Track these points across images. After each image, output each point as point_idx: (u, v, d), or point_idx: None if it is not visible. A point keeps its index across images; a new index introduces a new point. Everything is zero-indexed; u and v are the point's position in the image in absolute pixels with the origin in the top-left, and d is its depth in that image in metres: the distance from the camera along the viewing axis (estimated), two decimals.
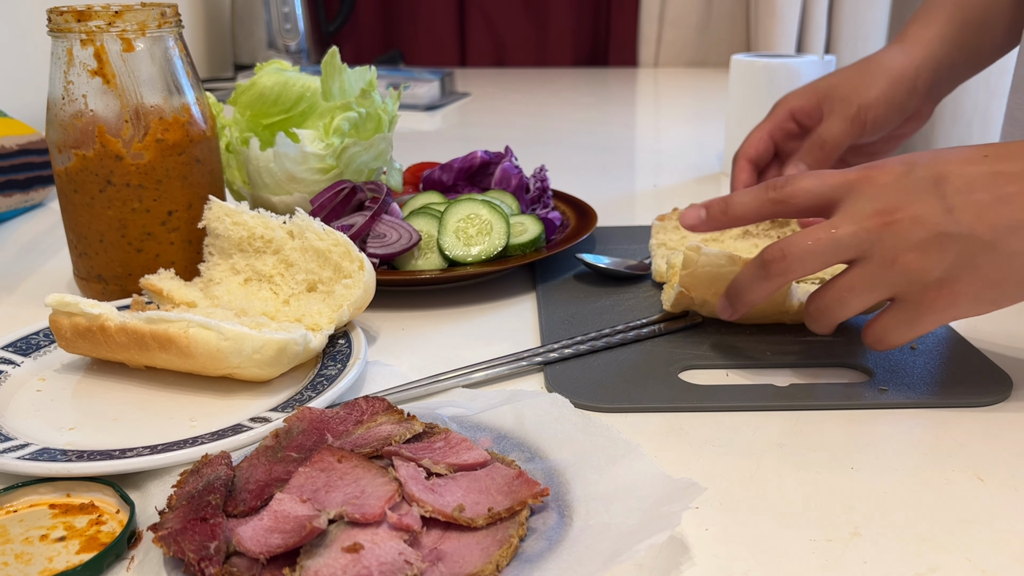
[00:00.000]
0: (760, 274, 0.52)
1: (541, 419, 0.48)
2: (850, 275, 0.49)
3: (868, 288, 0.48)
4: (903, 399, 0.53)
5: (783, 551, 0.40)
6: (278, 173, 0.78)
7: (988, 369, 0.56)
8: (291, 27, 1.99)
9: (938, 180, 0.47)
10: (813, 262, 0.49)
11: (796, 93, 0.80)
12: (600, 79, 2.08)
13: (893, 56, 0.78)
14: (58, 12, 0.63)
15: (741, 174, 0.79)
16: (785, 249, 0.50)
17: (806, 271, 0.50)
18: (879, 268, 0.47)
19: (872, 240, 0.47)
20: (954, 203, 0.46)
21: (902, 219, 0.46)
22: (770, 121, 0.80)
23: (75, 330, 0.55)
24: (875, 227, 0.47)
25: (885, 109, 0.76)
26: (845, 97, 0.76)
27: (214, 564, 0.36)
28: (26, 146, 0.96)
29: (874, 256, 0.47)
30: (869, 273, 0.48)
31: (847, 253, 0.48)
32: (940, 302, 0.47)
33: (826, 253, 0.49)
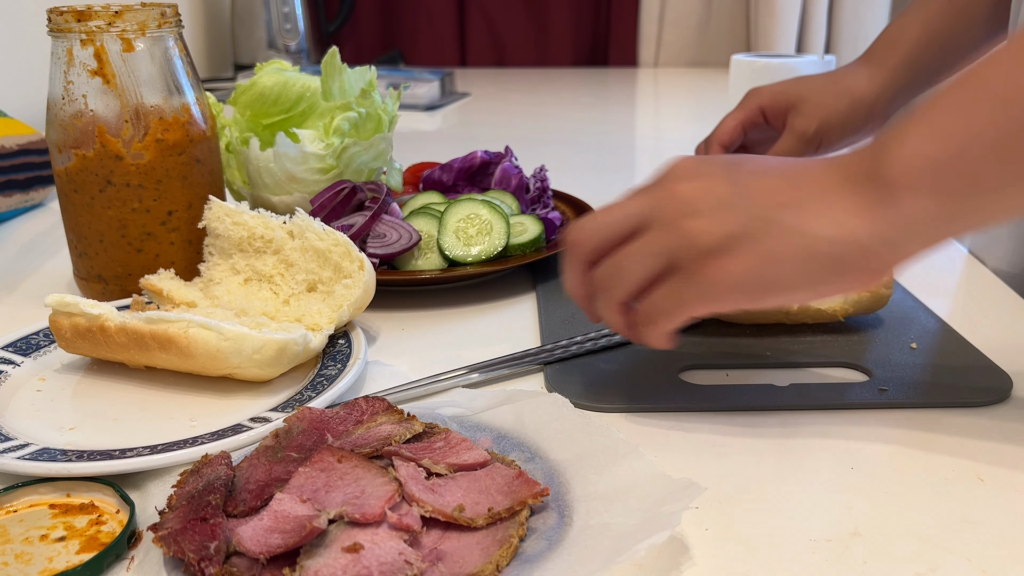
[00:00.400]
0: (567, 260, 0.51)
1: (541, 419, 0.48)
2: (631, 242, 0.48)
3: (646, 253, 0.47)
4: (903, 399, 0.53)
5: (783, 551, 0.40)
6: (278, 173, 0.78)
7: (988, 369, 0.56)
8: (291, 27, 1.99)
9: (734, 164, 0.47)
10: (602, 232, 0.48)
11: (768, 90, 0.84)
12: (600, 79, 2.08)
13: (858, 78, 0.81)
14: (58, 12, 0.63)
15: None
16: (579, 227, 0.50)
17: (601, 246, 0.49)
18: (658, 232, 0.46)
19: (658, 208, 0.47)
20: (745, 181, 0.46)
21: (689, 189, 0.46)
22: (742, 111, 0.84)
23: (75, 330, 0.55)
24: (662, 197, 0.47)
25: (840, 131, 0.81)
26: (809, 113, 0.80)
27: (214, 564, 0.36)
28: (26, 146, 0.96)
29: (655, 222, 0.47)
30: (649, 238, 0.47)
31: (633, 220, 0.48)
32: (715, 273, 0.45)
33: (614, 223, 0.48)
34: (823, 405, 0.53)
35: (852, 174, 0.44)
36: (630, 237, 0.48)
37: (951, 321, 0.65)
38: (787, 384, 0.55)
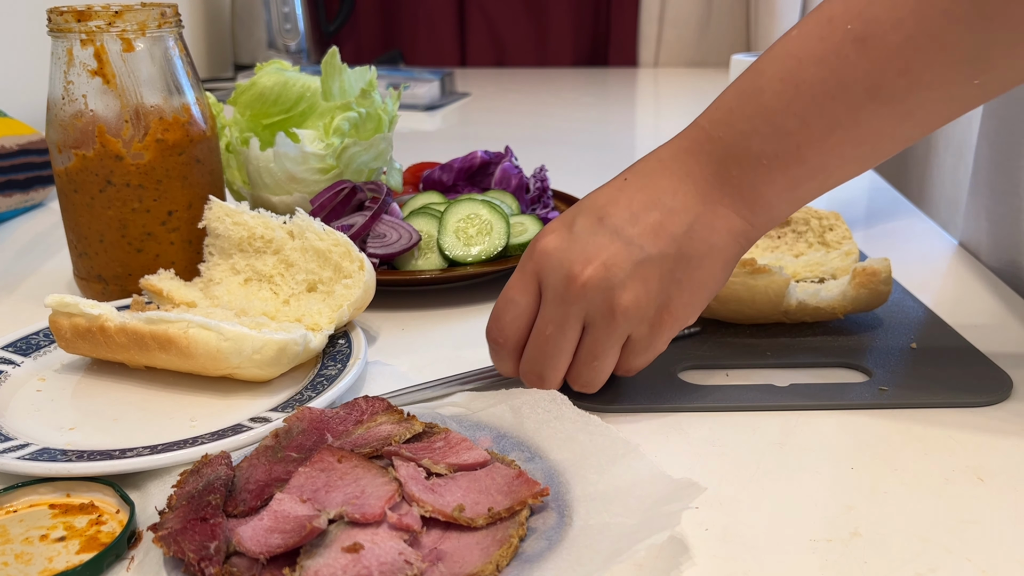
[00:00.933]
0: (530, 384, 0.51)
1: (540, 418, 0.48)
2: (586, 343, 0.49)
3: (608, 345, 0.48)
4: (903, 399, 0.53)
5: (783, 551, 0.40)
6: (278, 173, 0.78)
7: (988, 369, 0.56)
8: (291, 27, 1.99)
9: (601, 220, 0.48)
10: (558, 358, 0.49)
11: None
12: (600, 79, 2.08)
13: None
14: (58, 12, 0.63)
15: None
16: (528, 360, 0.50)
17: (560, 368, 0.50)
18: (605, 325, 0.47)
19: (584, 305, 0.47)
20: (630, 234, 0.47)
21: (595, 271, 0.47)
22: None
23: (75, 330, 0.55)
24: (577, 292, 0.47)
25: None
26: None
27: (214, 564, 0.36)
28: (26, 146, 0.96)
29: (595, 317, 0.47)
30: (601, 334, 0.48)
31: (575, 329, 0.48)
32: (668, 323, 0.49)
33: (560, 341, 0.48)
34: (823, 405, 0.53)
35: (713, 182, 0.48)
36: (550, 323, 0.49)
37: (949, 319, 0.65)
38: (787, 384, 0.55)
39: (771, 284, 0.60)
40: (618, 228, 0.47)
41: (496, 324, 0.51)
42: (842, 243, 0.72)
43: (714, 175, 0.48)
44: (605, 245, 0.47)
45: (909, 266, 0.78)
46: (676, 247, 0.47)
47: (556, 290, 0.48)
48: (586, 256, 0.47)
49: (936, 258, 0.82)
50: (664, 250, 0.47)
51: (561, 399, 0.49)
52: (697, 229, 0.47)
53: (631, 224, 0.47)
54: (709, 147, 0.48)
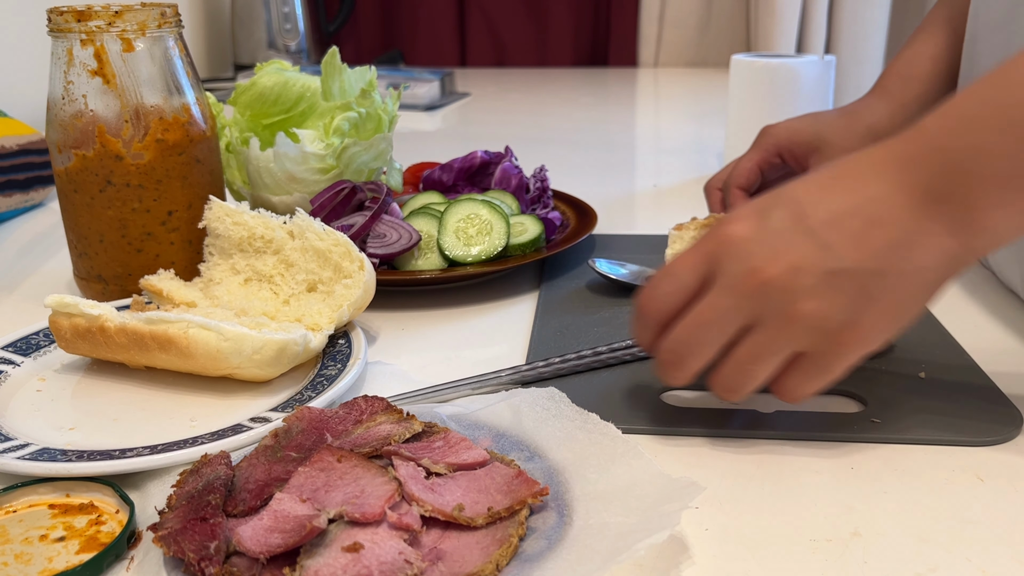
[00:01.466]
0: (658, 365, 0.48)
1: (539, 416, 0.48)
2: (747, 344, 0.45)
3: (772, 352, 0.44)
4: (893, 434, 0.49)
5: (783, 551, 0.40)
6: (278, 173, 0.78)
7: (998, 405, 0.52)
8: (291, 27, 1.99)
9: (799, 218, 0.44)
10: (706, 347, 0.45)
11: (785, 130, 0.83)
12: (600, 79, 2.08)
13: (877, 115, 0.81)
14: (58, 12, 0.63)
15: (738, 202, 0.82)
16: (674, 339, 0.46)
17: (703, 357, 0.46)
18: (776, 330, 0.44)
19: (758, 304, 0.44)
20: (828, 239, 0.43)
21: (782, 271, 0.43)
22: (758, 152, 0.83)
23: (75, 331, 0.55)
24: (755, 288, 0.43)
25: None
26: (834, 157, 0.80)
27: (214, 564, 0.36)
28: (26, 146, 0.96)
29: (766, 319, 0.44)
30: (768, 338, 0.44)
31: (735, 324, 0.45)
32: (850, 344, 0.44)
33: (714, 330, 0.45)
34: (804, 436, 0.50)
35: (930, 196, 0.43)
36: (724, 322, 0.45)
37: (967, 342, 0.61)
38: (772, 411, 0.52)
39: None
40: (815, 229, 0.43)
41: (651, 292, 0.47)
42: None
43: (934, 188, 0.43)
44: (798, 245, 0.43)
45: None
46: (876, 261, 0.43)
47: (733, 279, 0.44)
48: (775, 252, 0.43)
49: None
50: (862, 262, 0.43)
51: (560, 397, 0.49)
52: (904, 245, 0.43)
53: (830, 228, 0.43)
54: (933, 157, 0.43)
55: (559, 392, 0.50)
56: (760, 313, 0.44)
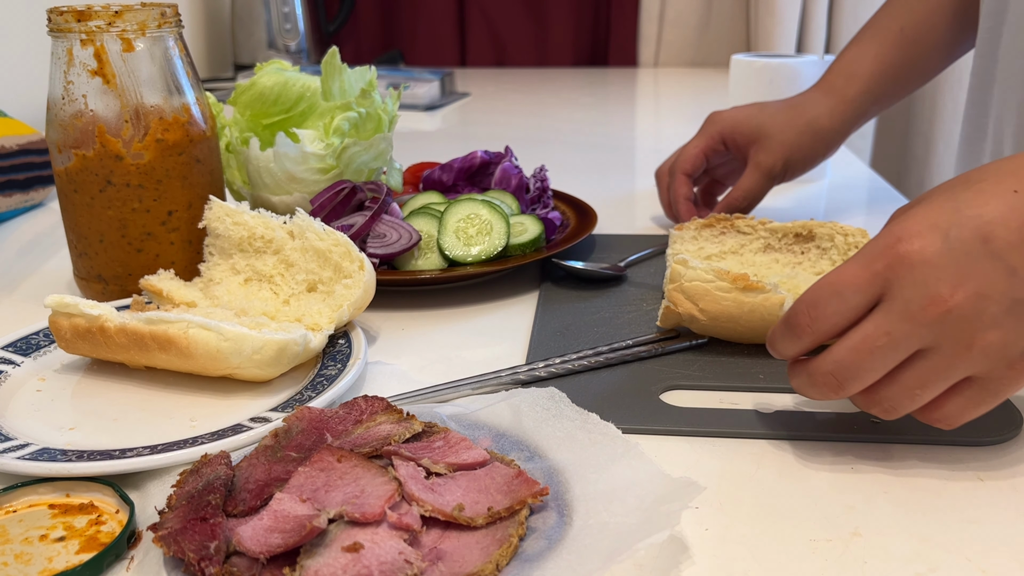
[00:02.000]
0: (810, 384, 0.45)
1: (539, 416, 0.48)
2: (919, 369, 0.42)
3: (943, 379, 0.42)
4: (894, 434, 0.49)
5: (783, 551, 0.40)
6: (278, 173, 0.78)
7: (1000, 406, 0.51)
8: (291, 27, 1.99)
9: (984, 240, 0.41)
10: (872, 372, 0.43)
11: (730, 119, 0.86)
12: (600, 79, 2.08)
13: (819, 110, 0.84)
14: (58, 12, 0.63)
15: (682, 187, 0.86)
16: (838, 362, 0.43)
17: (866, 382, 0.44)
18: (953, 357, 0.42)
19: (937, 331, 0.41)
20: (1014, 263, 0.40)
21: (966, 299, 0.40)
22: (703, 139, 0.86)
23: (75, 331, 0.55)
24: (936, 317, 0.41)
25: (803, 165, 0.84)
26: (773, 150, 0.82)
27: (214, 564, 0.36)
28: (26, 146, 0.96)
29: (944, 346, 0.41)
30: (942, 364, 0.42)
31: (908, 351, 0.42)
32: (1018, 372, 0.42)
33: (885, 358, 0.42)
34: (805, 436, 0.50)
35: None
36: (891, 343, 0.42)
37: None
38: (772, 411, 0.52)
39: (764, 302, 0.57)
40: (1002, 253, 0.40)
41: (811, 310, 0.44)
42: None
43: None
44: (984, 270, 0.41)
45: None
46: None
47: (910, 306, 0.41)
48: (959, 277, 0.41)
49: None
50: None
51: (560, 397, 0.49)
52: None
53: (1020, 251, 0.40)
54: None
55: (559, 392, 0.50)
56: (937, 341, 0.41)
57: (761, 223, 0.73)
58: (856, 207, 1.00)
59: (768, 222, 0.73)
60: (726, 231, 0.74)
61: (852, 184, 1.09)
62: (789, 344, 0.46)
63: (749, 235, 0.73)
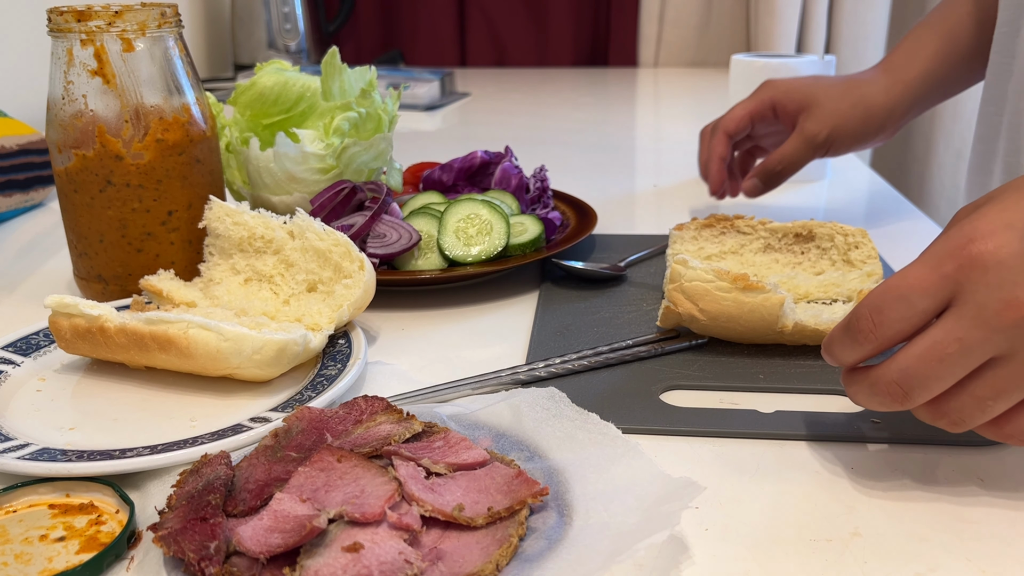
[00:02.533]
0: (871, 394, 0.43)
1: (539, 416, 0.48)
2: (992, 378, 0.40)
3: (1018, 389, 0.40)
4: (893, 433, 0.49)
5: (783, 551, 0.40)
6: (278, 173, 0.78)
7: None
8: (291, 27, 1.99)
9: None
10: (941, 382, 0.41)
11: (783, 86, 0.84)
12: (600, 79, 2.08)
13: (875, 89, 0.81)
14: (58, 12, 0.63)
15: (719, 146, 0.84)
16: (904, 370, 0.41)
17: (934, 392, 0.41)
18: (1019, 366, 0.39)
19: (1013, 337, 0.39)
20: None
21: None
22: (753, 102, 0.84)
23: (75, 331, 0.55)
24: (1013, 322, 0.38)
25: (851, 140, 0.81)
26: (821, 119, 0.80)
27: (214, 564, 0.36)
28: (26, 146, 0.96)
29: (1020, 354, 0.39)
30: (1018, 373, 0.39)
31: (981, 359, 0.40)
32: None
33: (956, 366, 0.40)
34: (804, 436, 0.49)
35: None
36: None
37: None
38: (772, 411, 0.52)
39: (764, 302, 0.56)
40: None
41: (875, 315, 0.42)
42: (866, 262, 0.68)
43: None
44: None
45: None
46: None
47: (985, 311, 0.39)
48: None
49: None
50: None
51: (560, 397, 0.49)
52: None
53: None
54: None
55: (559, 392, 0.50)
56: (1013, 348, 0.39)
57: (761, 223, 0.73)
58: (856, 207, 1.00)
59: (768, 222, 0.73)
60: (726, 231, 0.74)
61: (852, 184, 1.09)
62: (849, 351, 0.43)
63: (749, 235, 0.73)
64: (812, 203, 1.01)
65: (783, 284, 0.66)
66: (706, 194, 1.05)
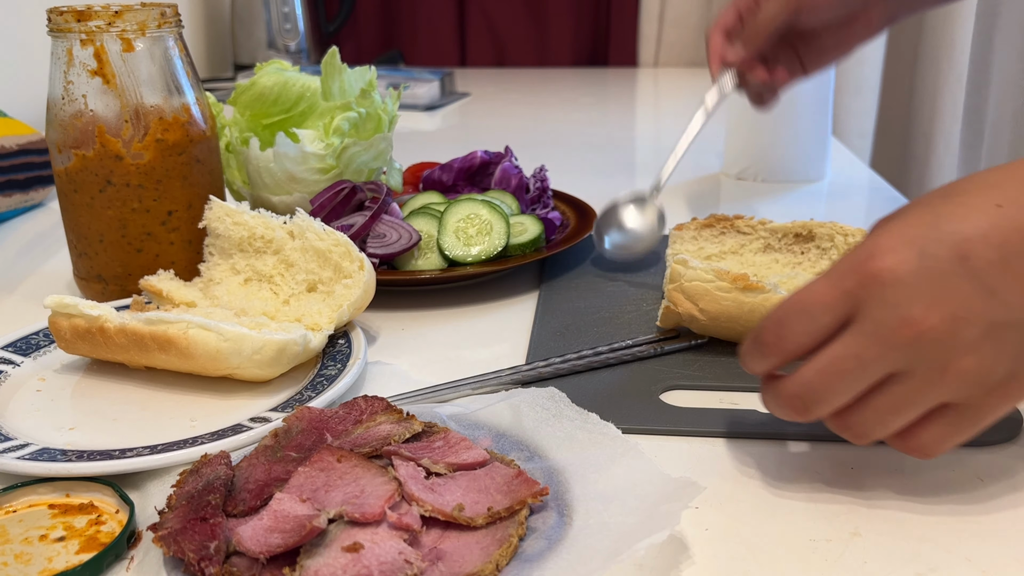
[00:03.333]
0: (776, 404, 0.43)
1: (539, 416, 0.48)
2: (890, 394, 0.40)
3: (916, 405, 0.40)
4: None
5: (783, 551, 0.40)
6: (278, 173, 0.78)
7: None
8: (291, 27, 1.99)
9: (963, 258, 0.38)
10: (840, 396, 0.41)
11: None
12: (600, 79, 2.08)
13: None
14: (58, 12, 0.63)
15: (716, 45, 0.82)
16: (804, 384, 0.41)
17: (834, 406, 0.41)
18: (926, 383, 0.39)
19: (909, 355, 0.39)
20: (994, 284, 0.38)
21: (940, 322, 0.38)
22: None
23: (74, 331, 0.55)
24: (909, 340, 0.38)
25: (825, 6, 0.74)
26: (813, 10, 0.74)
27: (214, 564, 0.36)
28: (26, 146, 0.96)
29: (917, 371, 0.39)
30: (915, 390, 0.40)
31: (879, 375, 0.40)
32: (1008, 398, 0.40)
33: (854, 382, 0.40)
34: (805, 436, 0.49)
35: None
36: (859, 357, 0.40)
37: None
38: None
39: (764, 302, 0.56)
40: (981, 273, 0.38)
41: (778, 328, 0.42)
42: None
43: None
44: (961, 292, 0.38)
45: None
46: None
47: (881, 328, 0.39)
48: (933, 299, 0.38)
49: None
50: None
51: (560, 397, 0.49)
52: None
53: (1000, 271, 0.38)
54: None
55: (559, 392, 0.50)
56: (910, 365, 0.39)
57: (761, 223, 0.73)
58: (856, 207, 1.00)
59: (768, 222, 0.73)
60: (726, 231, 0.74)
61: (852, 184, 1.09)
62: (757, 361, 0.44)
63: (749, 235, 0.73)
64: (812, 203, 1.01)
65: (783, 284, 0.66)
66: (706, 194, 1.05)
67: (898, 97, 2.04)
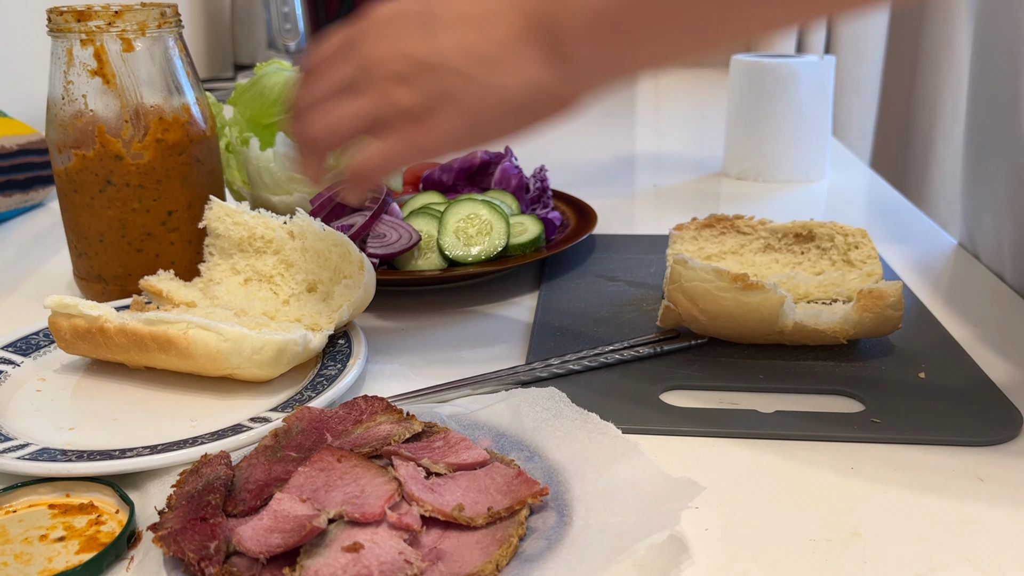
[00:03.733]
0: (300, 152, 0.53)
1: (539, 416, 0.48)
2: (344, 104, 0.49)
3: (354, 114, 0.49)
4: (894, 434, 0.49)
5: (783, 551, 0.40)
6: (278, 173, 0.78)
7: (997, 405, 0.51)
8: (291, 27, 1.99)
9: (428, 16, 0.47)
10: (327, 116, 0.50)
11: None
12: None
13: None
14: (58, 12, 0.63)
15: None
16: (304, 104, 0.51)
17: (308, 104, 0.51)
18: (367, 98, 0.48)
19: (364, 77, 0.48)
20: (439, 36, 0.47)
21: (391, 55, 0.47)
22: None
23: (74, 331, 0.55)
24: (367, 65, 0.48)
25: None
26: None
27: (214, 564, 0.36)
28: (26, 146, 0.96)
29: (364, 88, 0.48)
30: (359, 103, 0.49)
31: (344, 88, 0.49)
32: (420, 131, 0.48)
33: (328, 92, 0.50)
34: (804, 436, 0.49)
35: (534, 21, 0.46)
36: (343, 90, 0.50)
37: (970, 346, 0.61)
38: (772, 411, 0.52)
39: (764, 302, 0.56)
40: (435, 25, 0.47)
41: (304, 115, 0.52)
42: (866, 262, 0.67)
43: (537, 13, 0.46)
44: (414, 35, 0.47)
45: (909, 266, 0.78)
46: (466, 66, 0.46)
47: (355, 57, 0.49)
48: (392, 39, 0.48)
49: (936, 258, 0.82)
50: (455, 62, 0.46)
51: (560, 397, 0.49)
52: (494, 60, 0.46)
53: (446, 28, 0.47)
54: None
55: (559, 392, 0.50)
56: (361, 85, 0.48)
57: (761, 223, 0.73)
58: (856, 207, 1.00)
59: (768, 222, 0.73)
60: (726, 231, 0.74)
61: (852, 184, 1.09)
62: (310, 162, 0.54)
63: (749, 235, 0.73)
64: (812, 203, 1.01)
65: (783, 284, 0.66)
66: (706, 194, 1.05)
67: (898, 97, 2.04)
